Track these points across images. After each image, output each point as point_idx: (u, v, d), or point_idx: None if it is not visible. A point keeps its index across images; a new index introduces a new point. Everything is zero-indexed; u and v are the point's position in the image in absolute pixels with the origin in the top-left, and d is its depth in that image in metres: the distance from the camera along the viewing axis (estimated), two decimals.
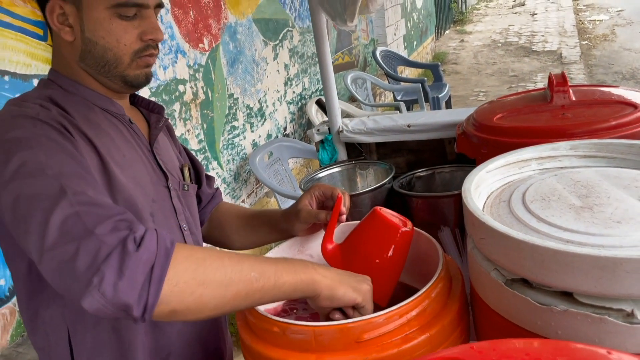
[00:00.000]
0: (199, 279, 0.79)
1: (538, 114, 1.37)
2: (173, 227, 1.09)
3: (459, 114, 1.82)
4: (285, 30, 4.11)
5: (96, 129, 0.97)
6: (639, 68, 7.40)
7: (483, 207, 1.00)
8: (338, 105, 1.98)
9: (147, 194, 1.03)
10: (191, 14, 3.01)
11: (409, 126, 1.84)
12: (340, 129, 1.96)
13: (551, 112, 1.36)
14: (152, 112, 1.15)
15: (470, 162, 1.82)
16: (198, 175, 1.30)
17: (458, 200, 1.70)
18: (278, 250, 1.16)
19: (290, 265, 0.89)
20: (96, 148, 0.95)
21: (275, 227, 1.23)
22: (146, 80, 1.03)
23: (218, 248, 0.92)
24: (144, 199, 1.01)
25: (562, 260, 0.75)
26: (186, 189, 1.15)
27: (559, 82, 1.36)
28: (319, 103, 2.29)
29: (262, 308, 0.94)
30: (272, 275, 0.86)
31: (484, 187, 1.03)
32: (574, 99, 1.35)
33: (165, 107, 1.26)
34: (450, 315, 0.92)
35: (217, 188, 1.37)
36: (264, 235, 1.27)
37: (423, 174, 1.91)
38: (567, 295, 0.78)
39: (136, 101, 1.17)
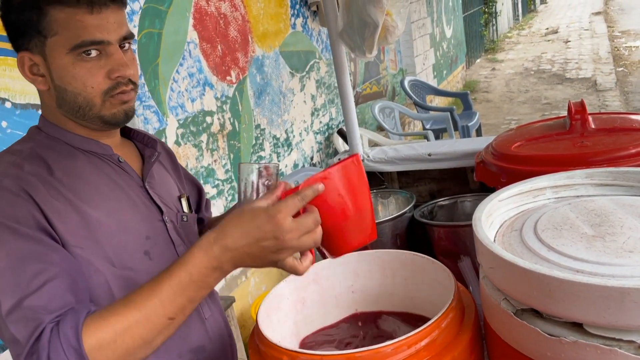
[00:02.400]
0: (124, 356, 0.81)
1: (556, 142, 1.35)
2: (172, 260, 1.10)
3: (480, 143, 1.81)
4: (312, 62, 4.19)
5: (76, 180, 0.99)
6: None
7: (495, 236, 0.99)
8: (359, 134, 2.00)
9: (139, 233, 1.03)
10: (219, 48, 3.10)
11: (429, 155, 1.84)
12: (362, 158, 1.98)
13: (570, 141, 1.34)
14: (146, 146, 1.16)
15: (492, 190, 1.80)
16: (200, 202, 1.32)
17: None
18: None
19: (192, 274, 0.84)
20: (72, 203, 0.95)
21: None
22: (126, 117, 1.02)
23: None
24: (136, 239, 1.02)
25: (570, 290, 0.74)
26: (185, 219, 1.15)
27: (577, 110, 1.35)
28: (340, 132, 2.31)
29: (275, 338, 0.95)
30: (184, 301, 0.84)
31: (496, 215, 1.02)
32: (593, 126, 1.34)
33: (158, 139, 1.25)
34: (462, 346, 0.91)
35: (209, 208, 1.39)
36: None
37: (445, 203, 1.90)
38: (577, 326, 0.76)
39: (131, 135, 1.18)
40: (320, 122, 4.30)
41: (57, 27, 0.95)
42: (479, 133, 5.82)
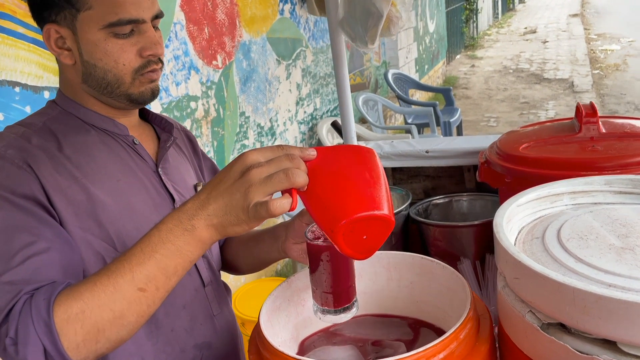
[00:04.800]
0: (93, 331, 0.74)
1: (566, 144, 1.32)
2: None
3: (479, 141, 1.78)
4: (299, 50, 4.11)
5: (85, 157, 0.95)
6: None
7: (515, 243, 0.94)
8: (354, 128, 1.94)
9: (146, 219, 0.98)
10: (206, 30, 3.00)
11: (427, 152, 1.80)
12: None
13: (579, 144, 1.31)
14: (163, 130, 1.12)
15: (489, 190, 1.77)
16: None
17: (478, 230, 1.65)
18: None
19: (161, 231, 0.74)
20: (78, 181, 0.91)
21: (271, 246, 1.14)
22: (152, 95, 1.00)
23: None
24: (143, 225, 0.96)
25: (605, 307, 0.70)
26: None
27: (588, 113, 1.31)
28: (334, 125, 2.24)
29: (275, 342, 0.89)
30: (154, 267, 0.74)
31: (515, 221, 0.98)
32: (603, 130, 1.31)
33: (178, 123, 1.21)
34: (479, 358, 0.86)
35: None
36: (263, 256, 1.18)
37: (440, 202, 1.86)
38: (609, 344, 0.72)
39: (149, 117, 1.14)
40: (305, 112, 4.23)
41: (91, 1, 0.91)
42: (459, 130, 5.84)
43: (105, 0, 0.91)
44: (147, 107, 1.09)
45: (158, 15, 0.98)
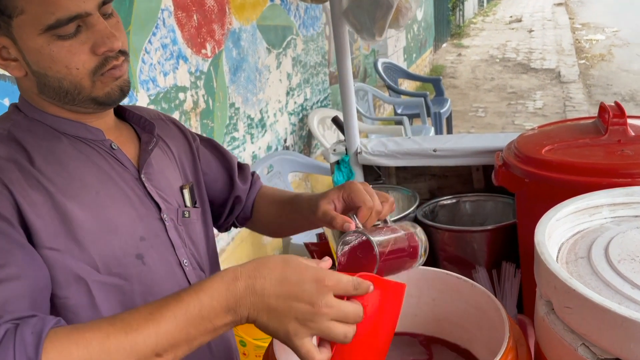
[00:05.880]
0: None
1: (591, 148, 1.24)
2: (171, 264, 0.94)
3: (489, 140, 1.69)
4: (289, 38, 3.97)
5: (58, 170, 0.84)
6: (638, 90, 7.37)
7: (556, 262, 0.86)
8: (357, 124, 1.84)
9: (131, 233, 0.88)
10: (195, 18, 2.86)
11: (435, 151, 1.71)
12: (359, 150, 1.82)
13: (606, 147, 1.23)
14: (143, 129, 0.99)
15: (499, 191, 1.68)
16: (231, 177, 1.16)
17: (493, 235, 1.57)
18: None
19: (203, 307, 0.67)
20: (52, 196, 0.81)
21: (305, 217, 1.07)
22: (122, 93, 0.88)
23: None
24: (127, 241, 0.87)
25: None
26: (186, 215, 1.00)
27: (616, 114, 1.23)
28: (335, 121, 2.14)
29: None
30: (182, 337, 0.66)
31: (554, 237, 0.89)
32: (632, 134, 1.23)
33: (161, 113, 1.10)
34: None
35: (254, 173, 1.23)
36: (298, 223, 1.13)
37: (447, 202, 1.78)
38: None
39: (126, 115, 1.01)
40: (295, 102, 4.11)
41: (21, 4, 0.78)
42: (449, 121, 5.76)
43: (36, 0, 0.78)
44: (133, 100, 0.98)
45: (106, 1, 0.83)
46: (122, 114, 1.01)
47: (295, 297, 0.67)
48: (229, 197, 1.16)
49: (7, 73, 1.85)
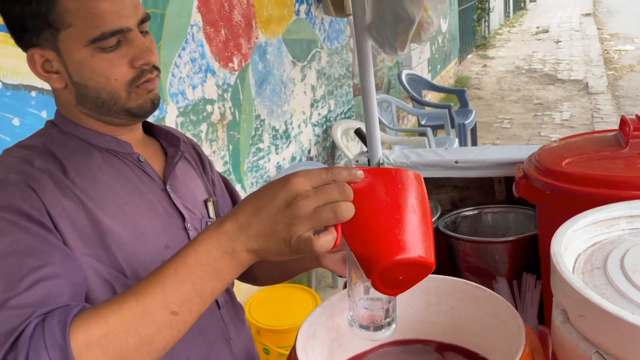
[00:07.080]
0: (116, 358, 0.66)
1: (612, 160, 1.25)
2: None
3: (511, 152, 1.71)
4: (314, 51, 4.04)
5: (90, 180, 0.89)
6: None
7: (573, 272, 0.88)
8: (379, 135, 1.88)
9: (157, 242, 0.93)
10: (222, 32, 2.94)
11: (456, 162, 1.73)
12: (381, 161, 1.86)
13: (626, 160, 1.24)
14: (169, 144, 1.06)
15: (521, 203, 1.70)
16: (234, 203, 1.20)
17: (514, 247, 1.59)
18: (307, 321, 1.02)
19: (199, 254, 0.68)
20: (84, 205, 0.86)
21: (306, 266, 1.08)
22: (153, 106, 0.94)
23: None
24: (153, 249, 0.92)
25: None
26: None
27: (636, 127, 1.24)
28: (358, 133, 2.18)
29: None
30: (189, 289, 0.68)
31: (571, 248, 0.91)
32: None
33: (184, 135, 1.16)
34: None
35: None
36: (292, 266, 1.13)
37: (469, 214, 1.80)
38: None
39: (153, 131, 1.08)
40: (319, 114, 4.17)
41: (70, 18, 0.84)
42: (474, 132, 5.74)
43: (84, 14, 0.84)
44: (163, 113, 1.04)
45: (144, 19, 0.91)
46: (150, 129, 1.07)
47: (272, 207, 0.66)
48: None
49: (46, 86, 1.94)
